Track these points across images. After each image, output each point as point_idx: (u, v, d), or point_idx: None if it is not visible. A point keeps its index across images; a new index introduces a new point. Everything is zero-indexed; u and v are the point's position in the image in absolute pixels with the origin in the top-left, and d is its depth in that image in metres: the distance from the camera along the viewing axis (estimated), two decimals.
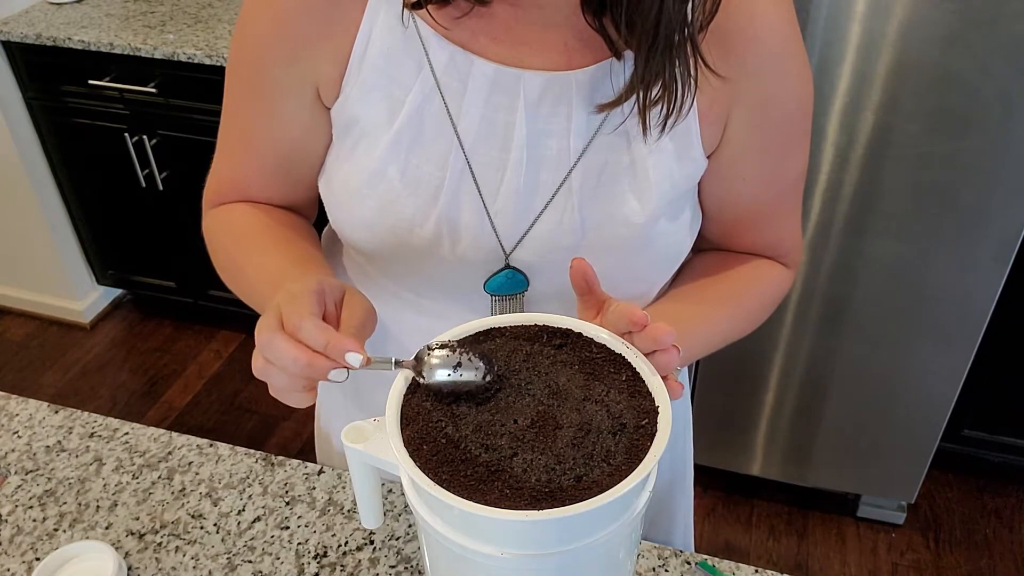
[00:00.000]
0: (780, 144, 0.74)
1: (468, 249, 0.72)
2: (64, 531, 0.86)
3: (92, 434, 0.96)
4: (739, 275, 0.80)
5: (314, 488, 0.90)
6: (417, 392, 0.57)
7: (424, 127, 0.69)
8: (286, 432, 2.26)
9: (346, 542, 0.84)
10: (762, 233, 0.80)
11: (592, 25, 0.65)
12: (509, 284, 0.74)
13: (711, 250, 0.84)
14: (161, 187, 2.23)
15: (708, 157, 0.73)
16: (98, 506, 0.88)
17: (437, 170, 0.70)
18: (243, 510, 0.88)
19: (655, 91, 0.65)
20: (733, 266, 0.81)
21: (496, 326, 0.62)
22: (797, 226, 0.82)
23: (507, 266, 0.73)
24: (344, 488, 0.89)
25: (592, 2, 0.64)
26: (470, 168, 0.70)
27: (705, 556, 0.83)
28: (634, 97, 0.66)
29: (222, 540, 0.85)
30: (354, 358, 0.55)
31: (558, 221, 0.70)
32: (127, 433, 0.96)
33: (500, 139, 0.69)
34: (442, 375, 0.56)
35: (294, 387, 0.57)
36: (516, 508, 0.49)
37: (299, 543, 0.84)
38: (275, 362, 0.56)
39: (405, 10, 0.67)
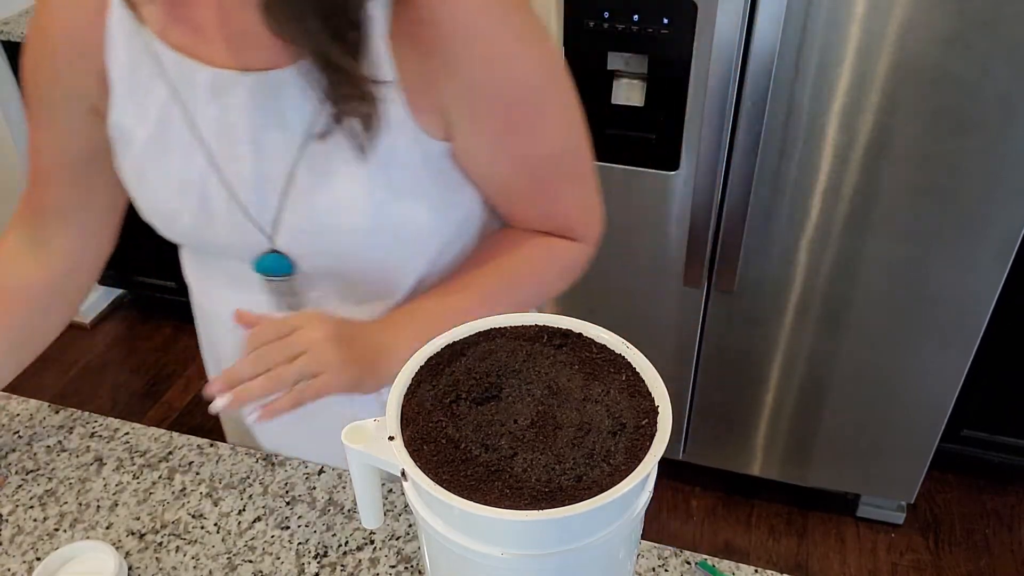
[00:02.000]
0: (510, 128, 0.74)
1: (229, 237, 0.78)
2: (64, 531, 0.86)
3: (92, 434, 0.96)
4: (511, 256, 0.83)
5: (314, 488, 0.90)
6: (417, 392, 0.57)
7: (170, 128, 0.75)
8: None
9: (346, 542, 0.84)
10: (533, 210, 0.82)
11: (275, 32, 0.67)
12: (276, 267, 0.80)
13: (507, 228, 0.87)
14: None
15: (449, 140, 0.76)
16: (98, 506, 0.88)
17: (185, 168, 0.76)
18: (243, 510, 0.88)
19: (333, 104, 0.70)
20: (512, 244, 0.84)
21: (496, 326, 0.62)
22: (581, 201, 0.83)
23: (272, 250, 0.79)
24: (344, 488, 0.89)
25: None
26: (214, 163, 0.75)
27: (705, 556, 0.83)
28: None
29: (222, 540, 0.85)
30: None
31: (295, 209, 0.75)
32: (127, 433, 0.96)
33: (231, 135, 0.75)
34: None
35: None
36: (516, 508, 0.49)
37: (299, 543, 0.84)
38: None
39: (135, 20, 0.73)
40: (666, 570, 0.82)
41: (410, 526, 0.85)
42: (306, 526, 0.86)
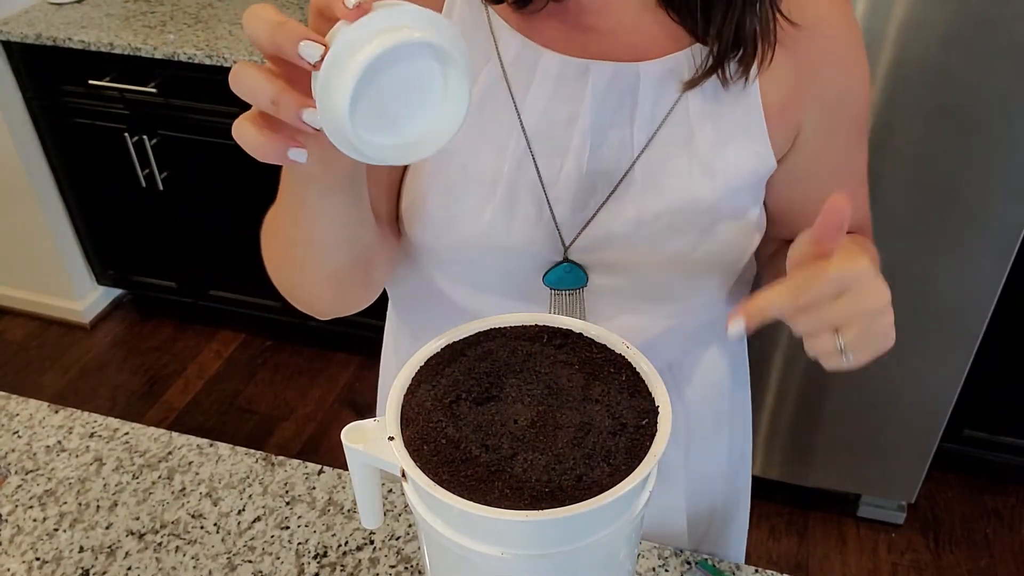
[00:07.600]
0: (850, 140, 0.75)
1: (525, 240, 0.71)
2: (64, 531, 0.86)
3: (92, 434, 0.96)
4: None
5: (314, 488, 0.90)
6: (417, 392, 0.57)
7: (483, 116, 0.69)
8: (286, 432, 2.26)
9: (346, 542, 0.84)
10: None
11: (674, 19, 0.67)
12: (568, 278, 0.74)
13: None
14: (161, 187, 2.23)
15: (779, 161, 0.73)
16: (98, 506, 0.88)
17: (496, 159, 0.69)
18: (243, 510, 0.88)
19: (733, 59, 0.67)
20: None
21: (496, 326, 0.62)
22: (869, 226, 0.83)
23: (566, 259, 0.72)
24: (344, 488, 0.89)
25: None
26: (531, 155, 0.69)
27: (705, 556, 0.83)
28: (698, 89, 0.68)
29: (222, 540, 0.85)
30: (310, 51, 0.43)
31: (620, 211, 0.70)
32: (127, 433, 0.96)
33: (563, 128, 0.69)
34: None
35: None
36: (516, 508, 0.49)
37: (299, 543, 0.84)
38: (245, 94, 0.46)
39: (480, 2, 0.68)
40: (666, 570, 0.82)
41: (410, 526, 0.85)
42: (306, 526, 0.86)
